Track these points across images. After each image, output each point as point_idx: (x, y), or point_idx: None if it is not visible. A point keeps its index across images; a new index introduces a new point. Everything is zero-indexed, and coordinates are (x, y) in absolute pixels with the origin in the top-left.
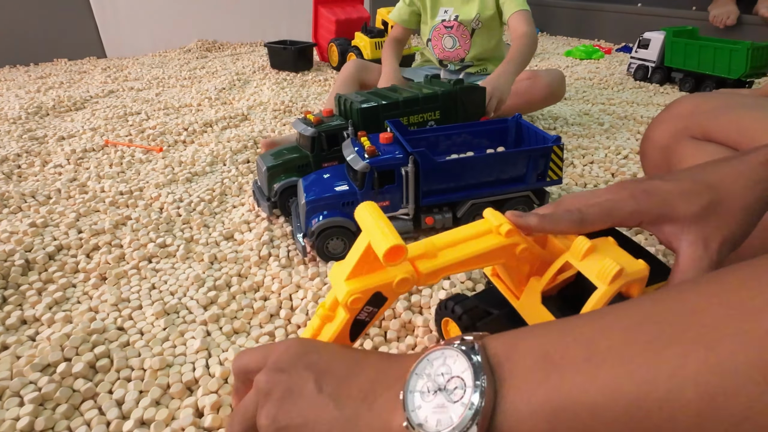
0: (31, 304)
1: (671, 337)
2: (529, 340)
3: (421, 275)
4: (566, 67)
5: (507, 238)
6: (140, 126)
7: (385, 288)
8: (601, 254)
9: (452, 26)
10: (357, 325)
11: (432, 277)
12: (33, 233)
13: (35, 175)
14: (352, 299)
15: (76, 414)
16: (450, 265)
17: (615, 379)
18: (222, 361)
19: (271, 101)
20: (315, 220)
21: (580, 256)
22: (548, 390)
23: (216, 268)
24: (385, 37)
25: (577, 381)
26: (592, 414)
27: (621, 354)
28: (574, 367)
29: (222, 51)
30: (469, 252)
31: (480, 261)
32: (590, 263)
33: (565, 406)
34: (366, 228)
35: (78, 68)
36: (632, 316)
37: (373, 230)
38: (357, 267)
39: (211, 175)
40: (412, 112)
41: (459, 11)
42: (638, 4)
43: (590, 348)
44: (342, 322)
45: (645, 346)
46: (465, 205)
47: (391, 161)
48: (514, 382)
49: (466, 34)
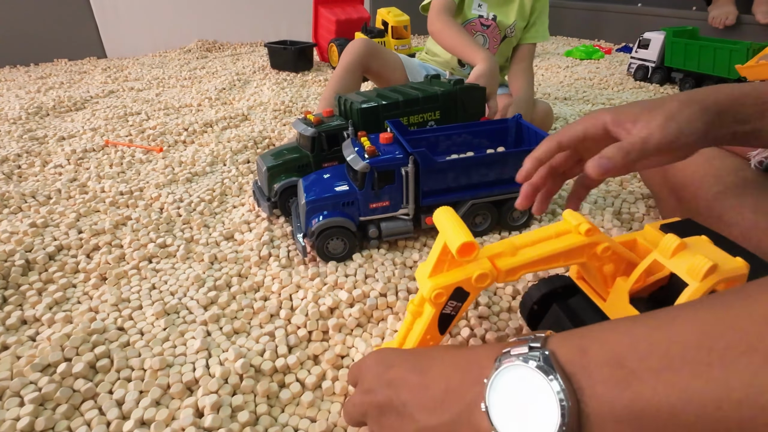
0: (31, 304)
1: (748, 344)
2: (600, 345)
3: (500, 272)
4: (566, 67)
5: (587, 237)
6: (140, 126)
7: (465, 283)
8: (693, 251)
9: (489, 25)
10: (444, 318)
11: (511, 274)
12: (33, 233)
13: (35, 176)
14: (435, 294)
15: (77, 414)
16: (529, 262)
17: (694, 385)
18: (222, 361)
19: (272, 101)
20: (315, 220)
21: (669, 253)
22: (630, 397)
23: (216, 268)
24: (385, 37)
25: (658, 388)
26: (672, 416)
27: (699, 361)
28: (653, 375)
29: (222, 51)
30: (548, 250)
31: (559, 259)
32: (680, 260)
33: (647, 411)
34: (442, 229)
35: (78, 68)
36: (706, 321)
37: (448, 230)
38: (437, 265)
39: (211, 175)
40: (412, 112)
41: (496, 11)
42: (638, 4)
43: (668, 355)
44: (429, 317)
45: (722, 353)
46: (465, 205)
47: (391, 161)
48: (595, 391)
49: (498, 38)
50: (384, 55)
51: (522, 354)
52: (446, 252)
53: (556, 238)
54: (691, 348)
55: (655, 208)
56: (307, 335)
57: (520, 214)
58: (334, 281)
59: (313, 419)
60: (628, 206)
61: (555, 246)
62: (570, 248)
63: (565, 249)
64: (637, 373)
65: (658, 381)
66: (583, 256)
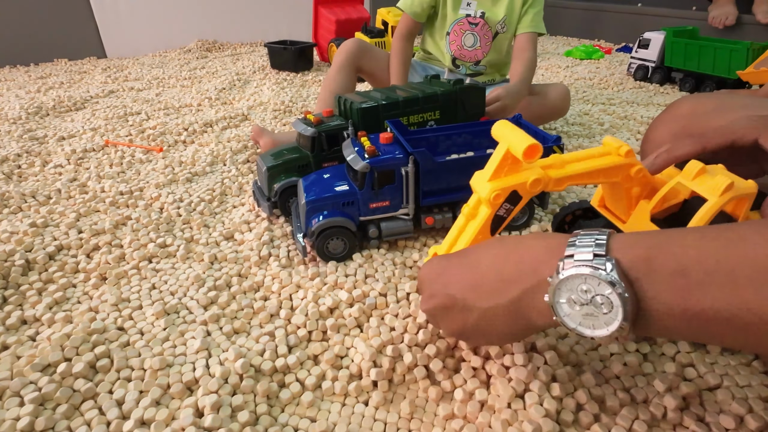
0: (31, 304)
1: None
2: (666, 256)
3: (551, 179)
4: (566, 66)
5: (626, 158)
6: (140, 126)
7: (520, 187)
8: (712, 174)
9: (477, 23)
10: (497, 220)
11: (559, 183)
12: (33, 233)
13: (35, 175)
14: (494, 195)
15: (77, 414)
16: (575, 174)
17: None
18: (222, 361)
19: (272, 101)
20: (315, 220)
21: (692, 176)
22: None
23: (216, 268)
24: (385, 37)
25: (720, 299)
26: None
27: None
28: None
29: (222, 51)
30: (592, 165)
31: (600, 175)
32: (701, 180)
33: (705, 314)
34: (504, 137)
35: (78, 68)
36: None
37: (511, 137)
38: (497, 170)
39: (211, 175)
40: (412, 112)
41: (485, 8)
42: (638, 4)
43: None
44: (485, 217)
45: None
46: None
47: (391, 161)
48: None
49: (489, 35)
50: (376, 54)
51: (586, 261)
52: (506, 158)
53: (599, 157)
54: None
55: None
56: (307, 335)
57: (520, 214)
58: (334, 281)
59: (313, 419)
60: None
61: (597, 163)
62: (610, 166)
63: (606, 166)
64: (702, 285)
65: (722, 293)
66: (618, 175)
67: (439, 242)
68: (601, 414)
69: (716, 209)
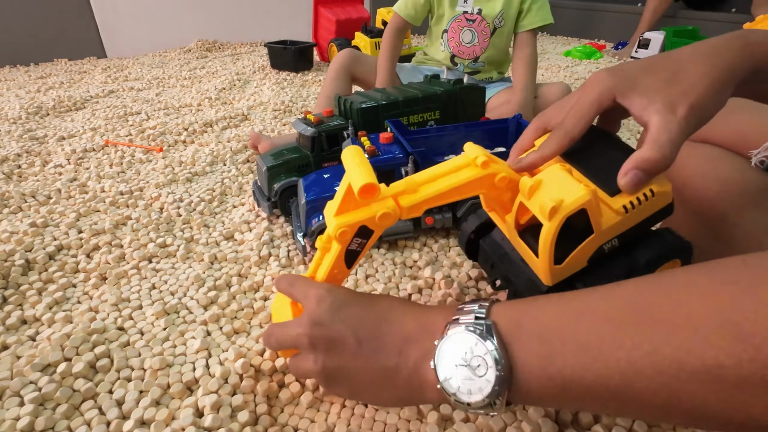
0: (31, 304)
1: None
2: (531, 321)
3: (403, 209)
4: (566, 66)
5: (484, 170)
6: (140, 126)
7: (369, 222)
8: (543, 190)
9: (474, 20)
10: (350, 254)
11: (414, 211)
12: (33, 233)
13: (35, 175)
14: (340, 232)
15: (76, 414)
16: (429, 198)
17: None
18: (222, 361)
19: (272, 101)
20: (315, 219)
21: (526, 195)
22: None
23: (216, 268)
24: None
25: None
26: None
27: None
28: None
29: (222, 51)
30: (448, 185)
31: (459, 192)
32: (534, 201)
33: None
34: (347, 168)
35: (78, 68)
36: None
37: (353, 171)
38: (343, 204)
39: (211, 175)
40: (412, 112)
41: (481, 4)
42: (638, 4)
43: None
44: (336, 252)
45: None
46: (465, 204)
47: (391, 161)
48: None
49: (487, 31)
50: (368, 60)
51: (469, 323)
52: (351, 191)
53: (456, 172)
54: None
55: None
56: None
57: None
58: None
59: (313, 419)
60: None
61: (454, 180)
62: (468, 181)
63: (464, 182)
64: (561, 353)
65: (578, 360)
66: (482, 187)
67: (439, 242)
68: (601, 415)
69: (551, 234)
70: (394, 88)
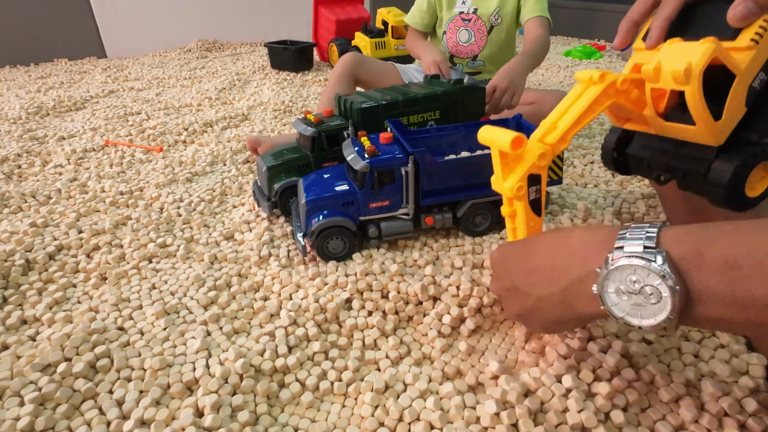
0: (31, 304)
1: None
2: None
3: (553, 145)
4: (566, 66)
5: (603, 82)
6: (140, 126)
7: (532, 168)
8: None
9: (470, 19)
10: (534, 203)
11: (561, 143)
12: (33, 233)
13: (35, 175)
14: (517, 188)
15: (77, 414)
16: (569, 127)
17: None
18: (222, 361)
19: (272, 101)
20: (315, 219)
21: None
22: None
23: (216, 268)
24: (385, 37)
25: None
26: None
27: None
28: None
29: (222, 51)
30: (579, 109)
31: (592, 111)
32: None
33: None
34: (489, 140)
35: (78, 68)
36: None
37: (494, 138)
38: (504, 170)
39: (211, 175)
40: (412, 112)
41: (478, 4)
42: None
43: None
44: (523, 210)
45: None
46: (465, 205)
47: (391, 161)
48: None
49: (484, 29)
50: (371, 63)
51: (636, 253)
52: (504, 156)
53: (580, 97)
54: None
55: (654, 208)
56: (307, 335)
57: None
58: (334, 281)
59: (313, 419)
60: (628, 206)
61: (583, 103)
62: (596, 97)
63: (592, 100)
64: (753, 276)
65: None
66: (610, 98)
67: (439, 242)
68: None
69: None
70: (394, 87)
